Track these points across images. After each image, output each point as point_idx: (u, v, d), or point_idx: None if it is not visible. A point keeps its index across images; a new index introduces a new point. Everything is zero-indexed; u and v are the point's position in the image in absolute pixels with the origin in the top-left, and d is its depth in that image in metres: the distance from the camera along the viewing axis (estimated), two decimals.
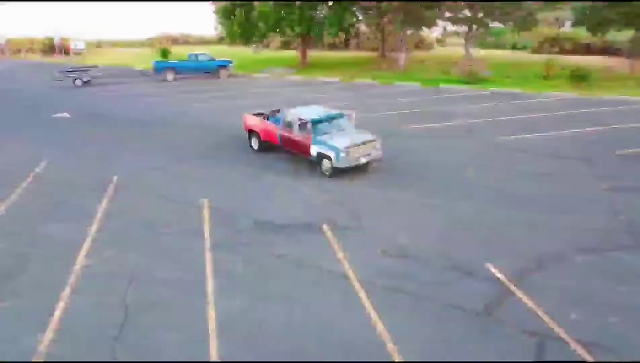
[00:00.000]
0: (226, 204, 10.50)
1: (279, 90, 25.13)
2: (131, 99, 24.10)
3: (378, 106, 20.53)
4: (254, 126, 14.22)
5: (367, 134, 12.43)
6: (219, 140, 15.78)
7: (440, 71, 29.97)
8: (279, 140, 13.36)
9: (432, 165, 12.72)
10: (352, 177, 11.94)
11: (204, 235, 9.08)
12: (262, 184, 11.69)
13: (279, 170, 12.60)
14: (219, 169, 12.91)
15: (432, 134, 15.73)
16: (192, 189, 11.47)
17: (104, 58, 48.41)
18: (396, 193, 10.88)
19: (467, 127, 16.54)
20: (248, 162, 13.42)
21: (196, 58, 30.61)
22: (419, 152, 13.87)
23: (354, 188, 11.27)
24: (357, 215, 9.80)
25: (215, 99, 23.44)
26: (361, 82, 27.72)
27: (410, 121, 17.65)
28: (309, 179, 11.97)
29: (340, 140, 11.77)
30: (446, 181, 11.54)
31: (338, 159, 11.44)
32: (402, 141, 15.00)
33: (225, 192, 11.27)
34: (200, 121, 18.67)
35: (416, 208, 10.08)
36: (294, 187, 11.48)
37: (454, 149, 14.14)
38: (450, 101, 21.27)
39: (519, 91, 23.12)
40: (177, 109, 21.26)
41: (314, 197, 10.81)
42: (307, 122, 12.29)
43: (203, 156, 14.10)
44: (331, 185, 11.49)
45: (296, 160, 13.24)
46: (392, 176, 12.00)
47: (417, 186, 11.26)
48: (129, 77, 31.81)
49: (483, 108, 19.66)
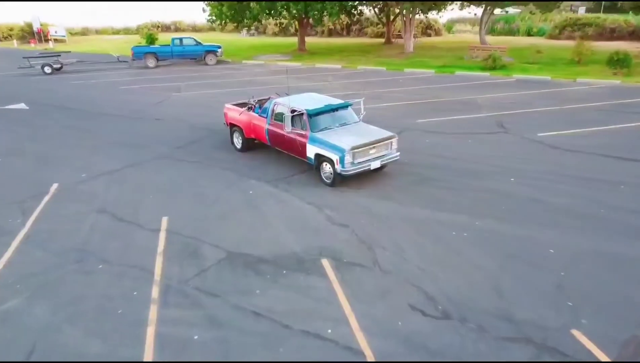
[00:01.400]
0: (191, 226, 7.90)
1: (272, 78, 22.43)
2: (103, 88, 21.41)
3: (387, 95, 17.86)
4: (236, 119, 11.57)
5: (379, 130, 9.80)
6: (194, 136, 13.13)
7: (453, 57, 27.23)
8: (267, 137, 10.73)
9: (462, 169, 10.10)
10: (359, 185, 9.33)
11: (151, 278, 6.49)
12: (241, 196, 9.09)
13: (265, 176, 9.98)
14: (189, 174, 10.29)
15: (455, 129, 13.09)
16: (150, 203, 8.87)
17: (86, 45, 45.55)
18: (420, 210, 8.27)
19: (496, 121, 13.89)
20: (227, 164, 10.80)
21: (180, 43, 27.76)
22: (443, 152, 11.24)
23: (363, 202, 8.66)
24: (370, 243, 7.20)
25: (197, 88, 20.75)
26: (366, 69, 25.00)
27: (427, 113, 15.00)
28: (304, 188, 9.36)
29: (346, 138, 9.15)
30: (484, 193, 8.92)
31: (342, 163, 8.83)
32: (419, 138, 12.37)
33: (193, 207, 8.66)
34: (176, 113, 16.01)
35: (450, 233, 7.47)
36: (284, 200, 8.87)
37: (485, 149, 11.50)
38: (470, 89, 18.60)
39: (548, 78, 20.42)
40: (152, 98, 18.59)
41: (311, 216, 8.20)
42: (302, 113, 9.66)
43: (172, 157, 11.47)
44: (333, 197, 8.89)
45: (289, 162, 10.62)
46: (413, 185, 9.39)
47: (447, 200, 8.65)
48: (107, 64, 29.01)
49: (510, 98, 17.00)
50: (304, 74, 24.08)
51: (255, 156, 11.29)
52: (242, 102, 12.28)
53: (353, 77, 22.55)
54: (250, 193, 9.21)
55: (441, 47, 33.71)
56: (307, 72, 24.64)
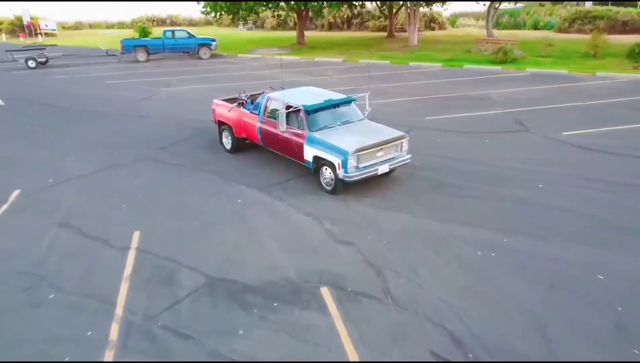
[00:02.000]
0: (167, 243, 6.72)
1: (269, 73, 21.21)
2: (88, 83, 20.19)
3: (392, 91, 16.66)
4: (225, 116, 10.37)
5: (387, 129, 8.61)
6: (180, 135, 11.94)
7: (460, 51, 25.99)
8: (259, 137, 9.54)
9: (481, 173, 8.92)
10: (364, 192, 8.16)
11: (112, 312, 5.31)
12: (228, 205, 7.90)
13: (256, 182, 8.80)
14: (171, 179, 9.11)
15: (469, 128, 11.90)
16: (122, 214, 7.69)
17: (78, 40, 44.27)
18: (436, 223, 7.09)
19: (514, 118, 12.70)
20: (214, 168, 9.61)
21: (172, 35, 26.48)
22: (457, 153, 10.06)
23: (370, 213, 7.48)
24: (379, 266, 6.03)
25: (188, 83, 19.53)
26: (369, 63, 23.77)
27: (436, 110, 13.81)
28: (300, 196, 8.18)
29: (349, 139, 7.97)
30: (510, 202, 7.74)
31: (345, 168, 7.64)
32: (430, 137, 11.18)
33: (171, 219, 7.48)
34: (163, 110, 14.81)
35: (474, 253, 6.29)
36: (278, 210, 7.69)
37: (505, 150, 10.32)
38: (481, 84, 17.40)
39: (564, 72, 19.19)
40: (139, 94, 17.37)
41: (308, 230, 7.02)
42: (299, 110, 8.47)
43: (153, 159, 10.28)
44: (334, 207, 7.71)
45: (284, 165, 9.45)
46: (426, 192, 8.20)
47: (467, 210, 7.46)
48: (95, 58, 27.78)
49: (526, 93, 15.80)
50: (302, 67, 22.86)
51: (246, 158, 10.10)
52: (233, 97, 11.09)
53: (355, 71, 21.33)
54: (238, 202, 8.03)
55: (446, 41, 32.45)
56: (306, 66, 23.42)
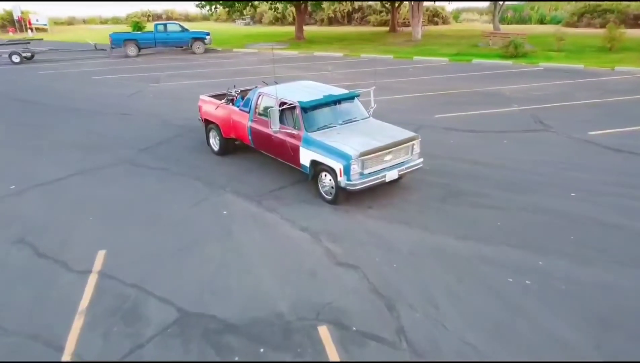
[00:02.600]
0: (136, 265, 5.68)
1: (265, 68, 20.15)
2: (73, 79, 19.13)
3: (397, 87, 15.60)
4: (212, 114, 9.32)
5: (396, 129, 7.57)
6: (165, 135, 10.90)
7: (466, 45, 24.92)
8: (250, 138, 8.49)
9: (503, 179, 7.87)
10: (370, 201, 7.12)
11: (58, 358, 4.27)
12: (212, 218, 6.86)
13: (246, 189, 7.76)
14: (149, 186, 8.07)
15: (483, 126, 10.86)
16: (88, 228, 6.65)
17: (70, 34, 43.24)
18: (456, 241, 6.04)
19: (533, 116, 11.64)
20: (199, 172, 8.57)
21: (164, 29, 25.39)
22: (473, 155, 9.02)
23: (377, 227, 6.44)
24: (390, 297, 4.99)
25: (179, 78, 18.47)
26: (371, 57, 22.70)
27: (445, 107, 12.75)
28: (296, 206, 7.13)
29: (352, 140, 6.92)
30: (540, 214, 6.70)
31: (348, 174, 6.60)
32: (440, 137, 10.13)
33: (144, 234, 6.44)
34: (149, 107, 13.77)
35: (505, 279, 5.25)
36: (269, 224, 6.65)
37: (527, 151, 9.27)
38: (492, 79, 16.34)
39: (581, 67, 18.13)
40: (126, 90, 16.32)
41: (305, 250, 5.98)
42: (294, 107, 7.42)
43: (132, 162, 9.24)
44: (335, 220, 6.66)
45: (277, 170, 8.41)
46: (441, 202, 7.16)
47: (491, 224, 6.42)
48: (83, 53, 26.72)
49: (542, 89, 14.74)
50: (300, 62, 21.81)
51: (235, 161, 9.06)
52: (222, 93, 10.03)
53: (356, 66, 20.27)
54: (224, 213, 6.98)
55: (450, 35, 31.39)
56: (305, 61, 22.36)
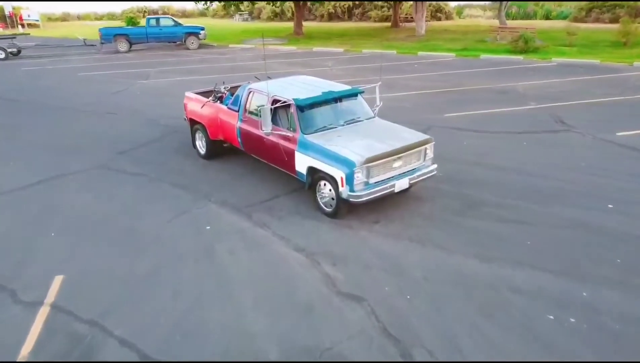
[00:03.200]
0: (97, 295, 4.77)
1: (262, 64, 19.21)
2: (59, 75, 18.20)
3: (402, 83, 14.67)
4: (197, 113, 8.40)
5: (406, 131, 6.65)
6: (149, 135, 9.98)
7: (472, 40, 23.97)
8: (239, 140, 7.57)
9: (526, 187, 6.95)
10: (375, 215, 6.20)
11: None
12: (193, 234, 5.94)
13: (234, 199, 6.84)
14: (125, 195, 7.15)
15: (499, 126, 9.94)
16: (49, 246, 5.73)
17: (61, 30, 42.27)
18: (479, 263, 5.12)
19: (552, 115, 10.72)
20: (182, 179, 7.64)
21: (156, 23, 24.45)
22: (490, 159, 8.10)
23: (384, 246, 5.51)
24: (404, 339, 4.07)
25: (170, 74, 17.53)
26: (373, 53, 21.78)
27: (455, 105, 11.83)
28: (291, 220, 6.21)
29: (356, 144, 6.00)
30: (574, 230, 5.78)
31: (351, 184, 5.68)
32: (452, 139, 9.21)
33: (112, 255, 5.52)
34: (135, 105, 12.84)
35: (543, 316, 4.33)
36: (259, 242, 5.73)
37: (551, 155, 8.34)
38: (503, 75, 15.42)
39: (596, 62, 17.20)
40: (112, 87, 15.39)
41: (300, 276, 5.06)
42: (288, 105, 6.50)
43: (110, 166, 8.32)
44: (336, 237, 5.74)
45: (271, 176, 7.49)
46: (457, 214, 6.23)
47: (518, 243, 5.49)
48: (72, 48, 25.79)
49: (557, 85, 13.82)
50: (299, 58, 20.88)
51: (223, 166, 8.14)
52: (210, 89, 9.10)
53: (358, 62, 19.33)
54: (207, 229, 6.06)
55: (454, 31, 30.45)
56: (303, 57, 21.44)
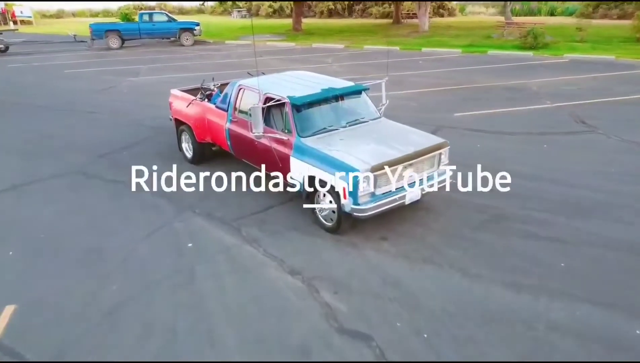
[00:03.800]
0: (49, 332, 3.96)
1: (259, 61, 18.37)
2: (44, 72, 17.38)
3: (407, 80, 13.85)
4: (183, 113, 7.59)
5: (418, 133, 5.85)
6: (133, 137, 9.16)
7: (478, 36, 23.16)
8: (229, 143, 6.76)
9: (556, 198, 6.14)
10: (384, 231, 5.38)
11: None
12: (171, 253, 5.12)
13: (222, 210, 6.03)
14: (98, 206, 6.33)
15: (514, 127, 9.13)
16: (3, 269, 4.92)
17: (55, 27, 41.46)
18: (510, 293, 4.31)
19: (571, 115, 9.91)
20: (165, 187, 6.83)
21: (149, 18, 23.61)
22: (509, 164, 7.28)
23: (395, 270, 4.70)
24: None
25: (161, 71, 16.70)
26: (375, 48, 20.97)
27: (465, 104, 11.03)
28: (285, 236, 5.40)
29: (361, 149, 5.19)
30: (616, 250, 4.96)
31: (355, 196, 4.86)
32: (465, 141, 8.38)
33: (73, 279, 4.70)
34: (120, 104, 12.04)
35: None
36: (248, 264, 4.91)
37: (576, 159, 7.54)
38: (514, 72, 14.60)
39: (611, 58, 16.38)
40: (98, 85, 14.57)
41: (295, 306, 4.25)
42: (283, 103, 5.68)
43: (84, 172, 7.50)
44: (338, 259, 4.93)
45: (265, 184, 6.68)
46: (479, 230, 5.41)
47: (554, 266, 4.68)
48: (61, 45, 24.99)
49: (574, 82, 13.00)
50: (297, 54, 20.07)
51: (212, 171, 7.32)
52: (199, 86, 8.29)
53: (360, 58, 18.51)
54: (188, 247, 5.25)
55: (458, 27, 29.61)
56: (302, 53, 20.62)
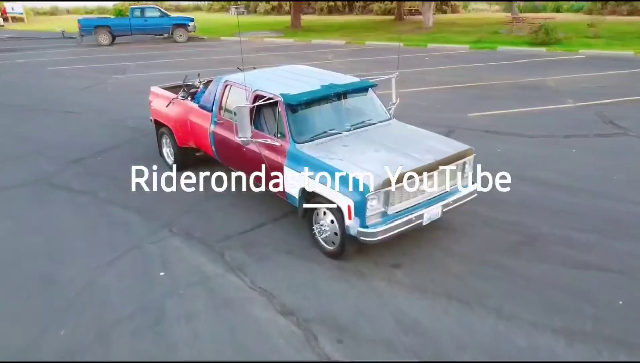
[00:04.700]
0: None
1: (255, 57, 17.51)
2: (26, 69, 16.48)
3: (414, 78, 12.94)
4: (162, 114, 6.69)
5: (436, 138, 4.98)
6: (111, 140, 8.27)
7: (484, 32, 22.26)
8: (213, 148, 5.87)
9: (592, 212, 5.26)
10: (396, 255, 4.49)
11: None
12: (137, 284, 4.22)
13: (203, 229, 5.13)
14: (59, 223, 5.44)
15: (536, 129, 8.24)
16: None
17: (47, 24, 40.53)
18: (563, 343, 3.41)
19: (598, 115, 9.03)
20: (140, 199, 5.93)
21: (141, 14, 22.70)
22: (535, 171, 6.41)
23: (410, 307, 3.80)
24: None
25: (150, 69, 15.80)
26: (378, 45, 20.07)
27: (479, 103, 10.14)
28: (277, 262, 4.50)
29: (369, 158, 4.29)
30: None
31: (363, 216, 3.96)
32: (482, 144, 7.46)
33: (14, 320, 3.81)
34: (102, 103, 11.16)
35: None
36: (231, 299, 4.01)
37: (608, 165, 6.65)
38: (528, 69, 13.71)
39: (629, 54, 15.49)
40: (82, 82, 13.67)
41: (287, 358, 3.35)
42: (275, 102, 4.79)
43: (50, 181, 6.61)
44: (341, 293, 4.03)
45: (255, 196, 5.78)
46: (510, 256, 4.52)
47: (611, 304, 3.79)
48: (52, 41, 24.12)
49: (594, 80, 12.11)
50: (296, 51, 19.17)
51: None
52: (185, 83, 7.39)
53: (362, 55, 17.62)
54: (160, 276, 4.36)
55: (463, 23, 28.70)
56: (301, 49, 19.72)
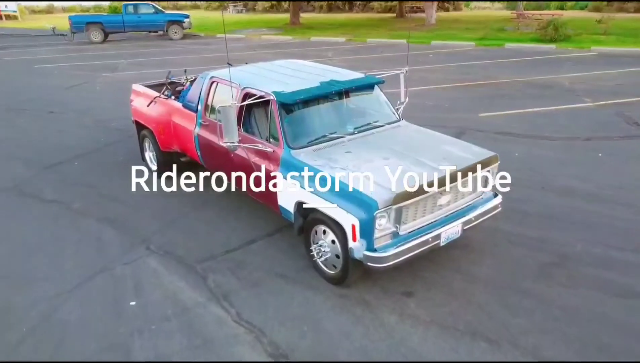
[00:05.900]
0: None
1: (251, 55, 16.86)
2: (12, 67, 15.86)
3: (419, 76, 12.29)
4: (143, 114, 6.08)
5: (454, 143, 4.37)
6: (92, 142, 7.65)
7: (489, 29, 21.63)
8: (198, 153, 5.23)
9: (631, 227, 4.63)
10: (407, 279, 3.85)
11: None
12: (104, 316, 3.58)
13: (186, 246, 4.50)
14: (22, 238, 4.81)
15: (555, 131, 7.61)
16: None
17: (41, 22, 39.90)
18: None
19: (619, 115, 8.39)
20: (117, 210, 5.30)
21: (134, 10, 22.03)
22: (558, 178, 5.78)
23: (426, 346, 3.16)
24: None
25: (142, 67, 15.15)
26: (380, 42, 19.43)
27: (490, 102, 9.51)
28: (270, 289, 3.86)
29: (376, 167, 3.65)
30: None
31: (370, 237, 3.32)
32: (498, 148, 6.73)
33: None
34: (87, 103, 10.51)
35: None
36: (210, 335, 3.37)
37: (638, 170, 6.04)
38: (539, 67, 13.07)
39: None
40: (68, 80, 13.04)
41: None
42: (267, 101, 4.15)
43: (20, 189, 5.99)
44: (344, 328, 3.38)
45: (246, 206, 5.15)
46: (543, 281, 3.89)
47: None
48: (42, 39, 23.51)
49: (609, 78, 11.48)
50: (294, 48, 18.53)
51: (179, 190, 5.80)
52: (170, 81, 6.77)
53: (363, 52, 16.99)
54: (131, 305, 3.73)
55: (466, 21, 28.07)
56: (300, 47, 19.08)
